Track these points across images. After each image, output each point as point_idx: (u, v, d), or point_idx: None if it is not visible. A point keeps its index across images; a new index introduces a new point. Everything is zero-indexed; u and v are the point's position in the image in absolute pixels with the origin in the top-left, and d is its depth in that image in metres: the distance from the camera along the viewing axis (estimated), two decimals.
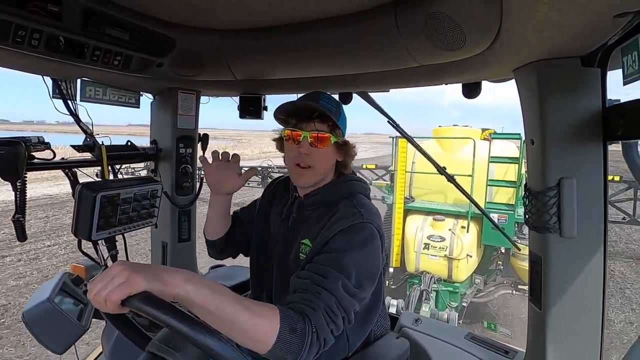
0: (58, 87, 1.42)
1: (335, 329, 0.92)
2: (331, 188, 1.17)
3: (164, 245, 1.96)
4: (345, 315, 0.94)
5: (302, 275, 0.98)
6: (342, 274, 0.94)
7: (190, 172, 1.92)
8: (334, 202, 1.14)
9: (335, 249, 0.99)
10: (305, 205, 1.19)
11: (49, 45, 1.04)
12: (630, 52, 0.77)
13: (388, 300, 5.10)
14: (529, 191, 1.07)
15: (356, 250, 0.99)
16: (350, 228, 1.02)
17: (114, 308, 0.70)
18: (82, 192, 1.32)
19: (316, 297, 0.91)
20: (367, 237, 1.03)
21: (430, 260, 5.85)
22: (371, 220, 1.05)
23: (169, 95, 1.80)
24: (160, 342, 0.89)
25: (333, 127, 1.12)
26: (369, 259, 1.01)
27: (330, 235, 1.02)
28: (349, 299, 0.94)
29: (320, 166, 1.14)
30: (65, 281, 1.34)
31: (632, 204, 8.17)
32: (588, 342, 1.03)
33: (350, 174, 1.23)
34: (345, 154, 1.19)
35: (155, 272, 0.75)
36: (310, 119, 1.10)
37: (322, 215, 1.13)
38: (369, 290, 1.03)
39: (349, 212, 1.07)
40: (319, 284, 0.93)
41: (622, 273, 8.19)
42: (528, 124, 1.07)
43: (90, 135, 1.53)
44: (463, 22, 0.89)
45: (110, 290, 0.69)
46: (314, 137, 1.10)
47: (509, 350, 1.39)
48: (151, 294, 0.71)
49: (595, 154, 0.96)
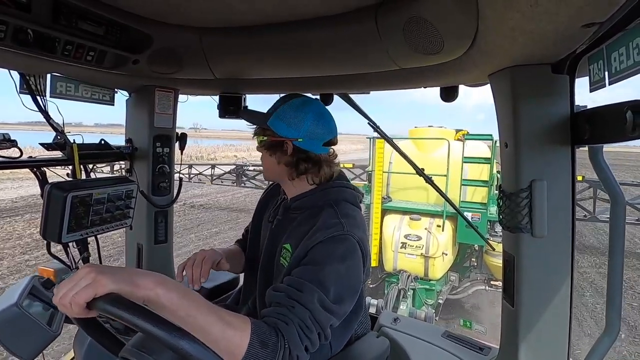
0: (26, 82, 1.35)
1: (310, 345, 0.89)
2: (317, 193, 1.14)
3: (140, 248, 1.90)
4: (321, 331, 0.91)
5: (278, 288, 0.95)
6: (319, 287, 0.91)
7: (167, 172, 1.87)
8: (318, 208, 1.11)
9: (313, 262, 0.96)
10: (291, 208, 1.17)
11: (16, 38, 0.98)
12: (596, 61, 0.81)
13: (368, 299, 5.16)
14: (502, 192, 1.11)
15: (335, 263, 0.95)
16: (330, 240, 0.98)
17: (80, 311, 0.68)
18: (51, 192, 1.26)
19: (290, 311, 0.88)
20: (348, 249, 0.99)
21: (408, 259, 5.96)
22: (352, 232, 1.01)
23: (146, 93, 1.75)
24: (134, 347, 0.87)
25: (270, 132, 1.14)
26: (349, 273, 0.98)
27: (310, 247, 0.98)
28: (325, 314, 0.90)
29: (264, 168, 1.22)
30: (35, 284, 1.27)
31: (592, 202, 8.68)
32: (557, 336, 1.07)
33: (334, 177, 1.18)
34: (284, 155, 1.12)
35: (124, 274, 0.73)
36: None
37: (305, 220, 1.11)
38: (349, 305, 1.00)
39: (330, 222, 1.03)
40: (294, 297, 0.90)
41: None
42: (502, 128, 1.10)
43: (61, 133, 1.46)
44: (441, 27, 0.91)
45: (76, 293, 0.67)
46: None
47: (484, 347, 1.43)
48: (118, 295, 0.68)
49: (564, 158, 1.01)
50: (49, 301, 1.27)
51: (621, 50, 0.72)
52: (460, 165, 5.90)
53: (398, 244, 6.02)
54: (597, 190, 8.47)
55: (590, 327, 6.09)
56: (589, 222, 9.73)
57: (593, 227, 11.27)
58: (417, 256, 5.90)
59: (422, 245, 5.87)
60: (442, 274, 6.10)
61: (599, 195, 8.58)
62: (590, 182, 8.37)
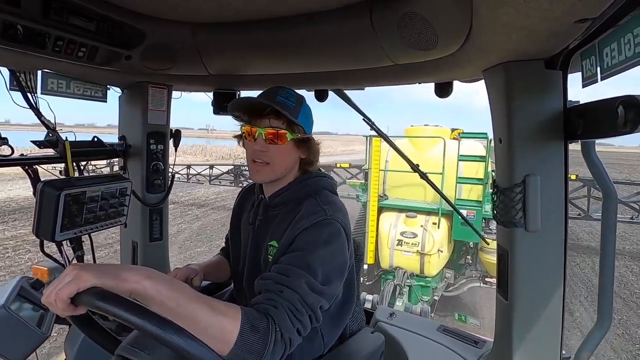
0: (16, 78, 1.33)
1: (301, 327, 0.90)
2: (295, 186, 1.15)
3: (134, 245, 1.89)
4: (312, 313, 0.92)
5: (266, 276, 0.96)
6: (306, 271, 0.93)
7: (162, 170, 1.86)
8: (298, 200, 1.12)
9: (299, 248, 0.98)
10: (271, 206, 1.17)
11: (5, 33, 0.97)
12: (589, 57, 0.81)
13: (363, 295, 5.19)
14: (497, 187, 1.12)
15: (320, 247, 0.97)
16: (314, 226, 1.00)
17: (65, 307, 0.68)
18: (44, 190, 1.25)
19: (278, 295, 0.89)
20: (332, 233, 1.01)
21: (404, 256, 6.01)
22: (335, 217, 1.04)
23: (139, 89, 1.73)
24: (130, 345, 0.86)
25: (290, 123, 1.08)
26: (335, 255, 1.00)
27: (295, 235, 1.00)
28: (314, 296, 0.92)
29: (278, 163, 1.10)
30: (23, 286, 1.26)
31: (587, 201, 8.75)
32: (551, 328, 1.09)
33: (315, 170, 1.20)
34: (308, 151, 1.15)
35: (109, 269, 0.73)
36: (262, 115, 1.07)
37: (287, 214, 1.11)
38: (337, 286, 1.02)
39: (312, 210, 1.05)
40: (282, 282, 0.91)
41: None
42: (496, 123, 1.11)
43: (53, 131, 1.44)
44: (436, 23, 0.91)
45: (59, 289, 0.67)
46: (269, 133, 1.07)
47: (478, 341, 1.45)
48: (101, 289, 0.68)
49: (557, 153, 1.02)
50: (38, 302, 1.25)
51: (613, 46, 0.72)
52: (455, 163, 5.94)
53: (394, 241, 6.07)
54: (592, 189, 8.54)
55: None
56: (585, 223, 9.82)
57: (590, 229, 11.36)
58: (413, 253, 5.95)
59: (418, 242, 5.92)
60: (438, 271, 6.17)
61: (593, 194, 8.66)
62: (585, 180, 8.44)
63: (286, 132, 1.07)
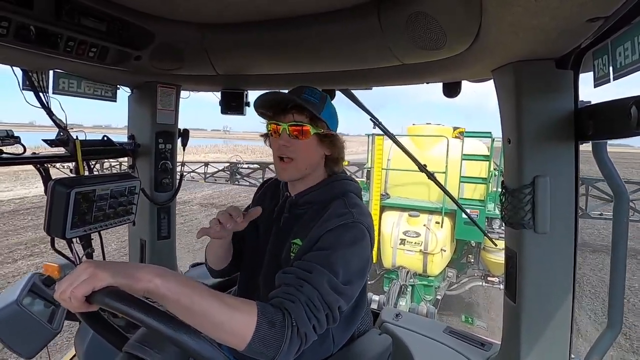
0: (29, 78, 1.35)
1: (317, 325, 0.90)
2: (323, 187, 1.16)
3: (143, 243, 1.91)
4: (329, 312, 0.92)
5: (288, 270, 0.97)
6: (328, 270, 0.93)
7: (170, 169, 1.88)
8: (326, 201, 1.12)
9: (324, 247, 0.98)
10: (298, 205, 1.17)
11: (18, 34, 0.98)
12: (601, 56, 0.80)
13: (370, 295, 5.17)
14: (505, 188, 1.11)
15: (345, 248, 0.98)
16: (341, 227, 1.01)
17: (79, 304, 0.69)
18: (55, 188, 1.27)
19: (298, 290, 0.89)
20: (357, 236, 1.02)
21: (406, 255, 5.96)
22: (362, 220, 1.04)
23: (148, 89, 1.75)
24: (138, 342, 0.87)
25: (313, 118, 1.08)
26: (358, 257, 1.00)
27: (321, 234, 1.01)
28: (334, 295, 0.92)
29: (303, 159, 1.10)
30: (35, 282, 1.28)
31: (585, 199, 8.61)
32: (559, 332, 1.07)
33: (341, 172, 1.22)
34: (333, 147, 1.15)
35: (123, 267, 0.74)
36: (286, 110, 1.08)
37: (314, 214, 1.12)
38: (358, 287, 1.02)
39: (340, 211, 1.06)
40: (303, 277, 0.92)
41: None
42: (505, 124, 1.10)
43: (64, 129, 1.47)
44: (444, 22, 0.90)
45: (75, 287, 0.68)
46: (293, 128, 1.07)
47: (485, 343, 1.44)
48: (117, 288, 0.69)
49: (568, 154, 1.00)
50: (49, 299, 1.27)
51: (626, 45, 0.71)
52: (458, 162, 5.88)
53: (397, 241, 6.02)
54: (589, 187, 8.43)
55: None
56: (587, 221, 9.68)
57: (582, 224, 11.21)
58: (416, 252, 5.90)
59: (420, 241, 5.87)
60: (440, 270, 6.11)
61: (591, 193, 8.53)
62: (583, 178, 8.30)
63: (309, 127, 1.08)
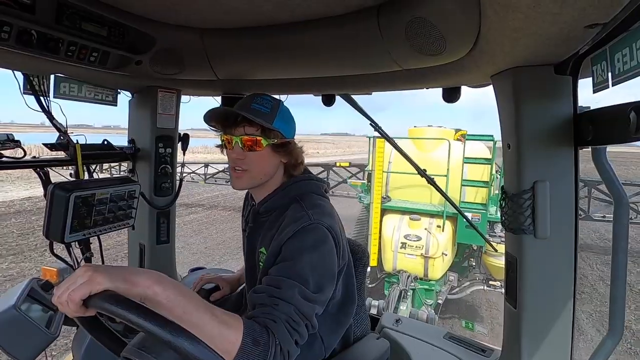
0: (30, 82, 1.36)
1: (299, 338, 0.91)
2: (280, 192, 1.15)
3: (142, 248, 1.91)
4: (308, 322, 0.94)
5: (258, 290, 0.96)
6: (298, 280, 0.93)
7: (170, 173, 1.88)
8: (284, 205, 1.12)
9: (288, 257, 0.98)
10: (260, 213, 1.17)
11: (20, 39, 0.99)
12: (600, 62, 0.80)
13: (369, 301, 5.15)
14: (505, 193, 1.11)
15: (308, 253, 0.97)
16: (299, 232, 1.00)
17: (77, 308, 0.69)
18: (54, 192, 1.27)
19: (274, 309, 0.90)
20: (318, 238, 1.01)
21: (407, 259, 5.94)
22: (320, 220, 1.03)
23: (148, 93, 1.75)
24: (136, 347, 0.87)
25: (264, 129, 1.08)
26: (323, 260, 1.00)
27: (281, 244, 1.01)
28: (308, 305, 0.93)
29: (256, 169, 1.11)
30: (33, 287, 1.28)
31: (587, 201, 8.63)
32: (560, 338, 1.06)
33: (300, 173, 1.20)
34: (289, 155, 1.15)
35: (121, 272, 0.74)
36: (236, 123, 1.09)
37: (274, 220, 1.12)
38: (330, 291, 1.02)
39: (296, 215, 1.05)
40: (275, 295, 0.92)
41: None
42: (504, 129, 1.10)
43: (64, 133, 1.47)
44: (443, 28, 0.91)
45: (72, 290, 0.68)
46: (244, 140, 1.08)
47: (486, 349, 1.43)
48: (114, 292, 0.69)
49: (567, 159, 1.00)
50: (47, 303, 1.27)
51: (625, 51, 0.71)
52: (460, 165, 5.87)
53: (398, 244, 6.00)
54: (592, 190, 8.41)
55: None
56: (589, 224, 9.67)
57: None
58: (417, 256, 5.88)
59: (422, 245, 5.84)
60: (442, 274, 6.08)
61: (593, 195, 8.52)
62: (585, 180, 8.29)
63: (261, 139, 1.08)
